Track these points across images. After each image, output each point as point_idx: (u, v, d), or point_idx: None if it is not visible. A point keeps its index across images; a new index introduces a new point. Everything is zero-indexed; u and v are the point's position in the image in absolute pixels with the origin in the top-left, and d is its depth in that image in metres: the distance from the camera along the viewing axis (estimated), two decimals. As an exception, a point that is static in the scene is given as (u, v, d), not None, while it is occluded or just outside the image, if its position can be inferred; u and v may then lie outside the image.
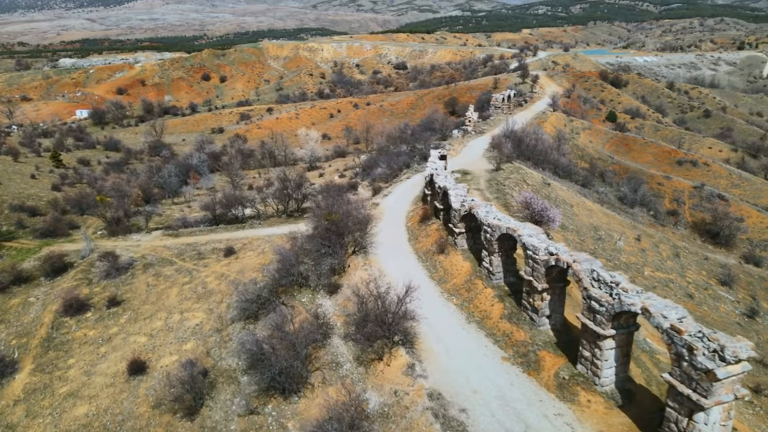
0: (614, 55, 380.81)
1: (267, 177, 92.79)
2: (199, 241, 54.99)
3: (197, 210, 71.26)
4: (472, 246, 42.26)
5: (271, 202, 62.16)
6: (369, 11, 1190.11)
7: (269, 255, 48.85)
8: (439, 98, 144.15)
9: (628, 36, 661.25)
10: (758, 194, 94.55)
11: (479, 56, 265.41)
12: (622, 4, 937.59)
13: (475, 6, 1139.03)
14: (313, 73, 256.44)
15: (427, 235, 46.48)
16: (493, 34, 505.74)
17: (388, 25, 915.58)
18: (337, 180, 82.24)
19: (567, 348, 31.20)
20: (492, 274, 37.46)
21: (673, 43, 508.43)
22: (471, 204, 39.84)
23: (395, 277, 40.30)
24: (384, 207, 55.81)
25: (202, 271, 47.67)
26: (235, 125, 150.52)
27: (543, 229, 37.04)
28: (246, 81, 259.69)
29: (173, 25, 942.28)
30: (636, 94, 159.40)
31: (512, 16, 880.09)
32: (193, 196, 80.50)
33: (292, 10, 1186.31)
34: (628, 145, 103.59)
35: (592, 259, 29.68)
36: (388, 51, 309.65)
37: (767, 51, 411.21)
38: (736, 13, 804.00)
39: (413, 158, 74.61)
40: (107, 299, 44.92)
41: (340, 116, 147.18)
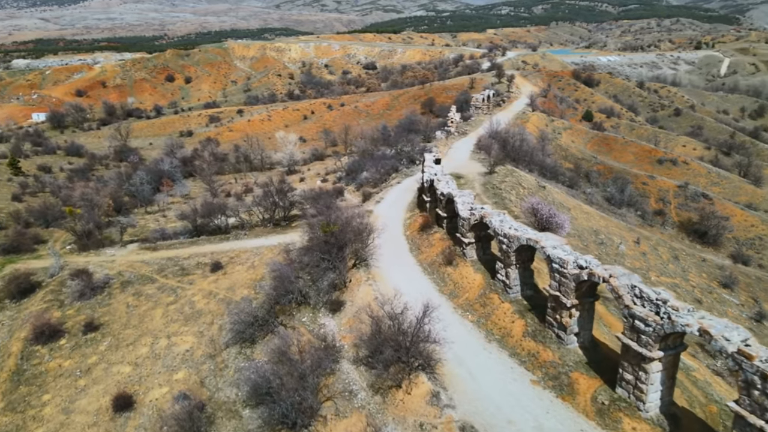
0: (578, 55, 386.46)
1: (245, 182, 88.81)
2: (181, 254, 51.11)
3: (174, 220, 67.06)
4: (481, 256, 39.89)
5: (256, 211, 58.52)
6: (333, 11, 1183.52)
7: (260, 269, 45.49)
8: (415, 98, 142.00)
9: (590, 36, 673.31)
10: (737, 192, 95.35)
11: (449, 56, 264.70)
12: (582, 4, 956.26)
13: (439, 6, 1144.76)
14: (281, 74, 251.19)
15: (430, 245, 43.89)
16: (458, 34, 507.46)
17: (353, 25, 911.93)
18: (320, 185, 78.97)
19: (599, 368, 29.04)
20: (508, 287, 35.11)
21: (633, 43, 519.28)
22: (482, 212, 37.42)
23: (402, 292, 37.59)
24: (378, 214, 52.96)
25: (187, 289, 43.96)
26: (205, 128, 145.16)
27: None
28: (212, 82, 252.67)
29: (132, 24, 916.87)
30: (608, 93, 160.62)
31: (476, 17, 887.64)
32: (167, 205, 76.05)
33: (255, 9, 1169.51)
34: (609, 145, 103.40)
35: (630, 273, 27.57)
36: (356, 51, 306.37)
37: (723, 51, 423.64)
38: (691, 13, 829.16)
39: (400, 161, 72.00)
40: (83, 323, 40.81)
41: (314, 118, 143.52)
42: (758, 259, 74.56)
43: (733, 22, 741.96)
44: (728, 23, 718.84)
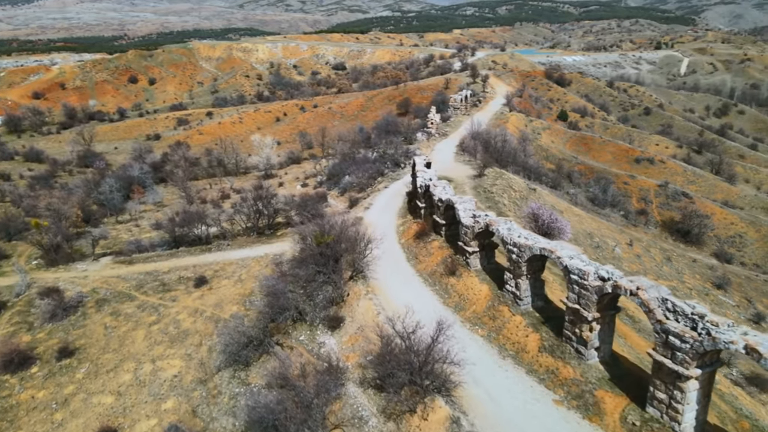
0: (545, 55, 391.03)
1: (220, 188, 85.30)
2: (160, 268, 47.93)
3: (149, 229, 63.49)
4: (486, 265, 38.16)
5: (238, 219, 55.59)
6: (298, 11, 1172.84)
7: (249, 283, 42.80)
8: (390, 99, 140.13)
9: (553, 36, 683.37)
10: (712, 190, 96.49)
11: (419, 56, 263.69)
12: (545, 5, 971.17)
13: (405, 6, 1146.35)
14: (249, 75, 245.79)
15: (428, 254, 41.94)
16: (425, 34, 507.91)
17: (318, 26, 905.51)
18: (301, 190, 76.28)
19: (623, 384, 27.57)
20: (519, 299, 33.43)
21: (596, 43, 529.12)
22: (488, 220, 35.65)
23: (405, 306, 35.52)
24: (369, 222, 50.75)
25: (170, 307, 40.96)
26: (173, 131, 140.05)
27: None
28: (178, 83, 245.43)
29: (89, 24, 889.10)
30: (580, 93, 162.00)
31: (442, 17, 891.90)
32: (139, 213, 72.20)
33: (218, 9, 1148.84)
34: (587, 145, 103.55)
35: (657, 285, 26.13)
36: (325, 51, 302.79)
37: (683, 51, 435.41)
38: (649, 14, 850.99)
39: (385, 165, 69.92)
40: (56, 348, 37.45)
41: (287, 120, 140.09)
42: (740, 256, 75.20)
43: (689, 23, 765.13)
44: (685, 24, 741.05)
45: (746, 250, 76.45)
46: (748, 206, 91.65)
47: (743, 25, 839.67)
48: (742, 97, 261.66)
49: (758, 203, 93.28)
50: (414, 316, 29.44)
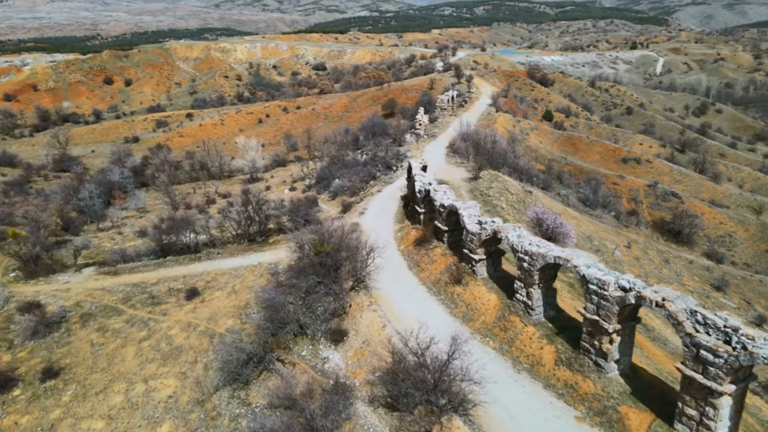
0: (524, 55, 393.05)
1: (205, 192, 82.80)
2: (148, 279, 45.69)
3: (132, 237, 60.99)
4: (492, 273, 36.91)
5: (228, 226, 53.52)
6: (275, 11, 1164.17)
7: (244, 295, 40.91)
8: (374, 100, 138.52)
9: (530, 36, 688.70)
10: (699, 190, 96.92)
11: (400, 56, 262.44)
12: (522, 6, 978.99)
13: (382, 6, 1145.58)
14: (228, 75, 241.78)
15: (431, 262, 40.54)
16: (404, 34, 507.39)
17: (296, 26, 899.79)
18: (289, 193, 74.31)
19: (646, 398, 26.50)
20: (531, 308, 32.22)
21: (573, 44, 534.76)
22: (496, 227, 34.37)
23: (411, 318, 34.09)
24: (365, 227, 49.19)
25: (161, 321, 38.86)
26: (152, 133, 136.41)
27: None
28: (155, 84, 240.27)
29: (61, 24, 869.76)
30: (563, 93, 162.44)
31: (420, 17, 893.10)
32: (121, 220, 69.49)
33: (194, 9, 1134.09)
34: (574, 145, 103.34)
35: (683, 295, 25.11)
36: (305, 51, 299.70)
37: (658, 50, 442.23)
38: (623, 15, 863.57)
39: (376, 167, 68.36)
40: (40, 368, 35.15)
41: (270, 121, 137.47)
42: (730, 256, 75.38)
43: (662, 23, 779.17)
44: (658, 24, 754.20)
45: (736, 250, 76.71)
46: (733, 205, 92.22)
47: (714, 25, 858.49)
48: (718, 96, 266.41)
49: (743, 202, 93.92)
50: (422, 329, 27.95)
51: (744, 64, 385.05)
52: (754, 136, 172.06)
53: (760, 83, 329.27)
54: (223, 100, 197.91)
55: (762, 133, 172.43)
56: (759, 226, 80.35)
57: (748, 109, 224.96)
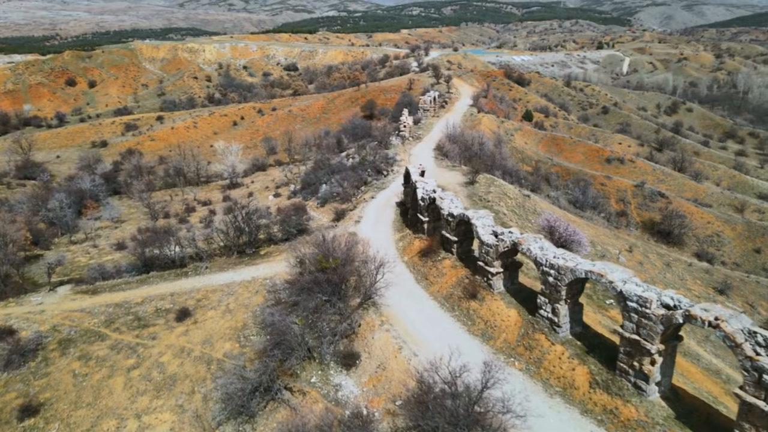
0: (494, 54, 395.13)
1: (183, 199, 78.94)
2: (131, 298, 42.22)
3: (110, 251, 57.13)
4: (509, 287, 34.84)
5: (216, 237, 50.30)
6: (241, 11, 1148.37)
7: (240, 314, 37.93)
8: (352, 101, 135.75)
9: (498, 36, 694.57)
10: (681, 189, 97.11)
11: (373, 56, 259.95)
12: (489, 6, 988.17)
13: (350, 6, 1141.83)
14: (197, 76, 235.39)
15: (440, 274, 38.26)
16: (373, 34, 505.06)
17: (263, 25, 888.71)
18: (274, 200, 71.22)
19: (693, 423, 24.71)
20: (557, 325, 30.24)
21: (541, 43, 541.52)
22: (515, 238, 32.29)
23: (428, 338, 31.88)
24: (363, 237, 46.57)
25: (151, 347, 35.62)
26: (122, 137, 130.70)
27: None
28: (120, 86, 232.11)
29: (18, 24, 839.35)
30: (539, 93, 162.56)
31: (388, 17, 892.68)
32: (95, 231, 65.26)
33: (158, 8, 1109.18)
34: (558, 145, 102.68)
35: (737, 313, 23.41)
36: (276, 52, 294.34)
37: (623, 50, 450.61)
38: (587, 15, 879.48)
39: (365, 172, 65.80)
40: (17, 405, 31.63)
41: (246, 124, 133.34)
42: (719, 256, 75.30)
43: (625, 24, 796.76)
44: (621, 24, 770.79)
45: (725, 249, 76.70)
46: (716, 204, 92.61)
47: (674, 25, 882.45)
48: (684, 95, 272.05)
49: (725, 200, 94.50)
50: (437, 347, 25.65)
51: (706, 64, 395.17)
52: (724, 134, 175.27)
53: (722, 82, 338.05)
54: (193, 101, 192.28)
55: (731, 131, 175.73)
56: (745, 225, 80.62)
57: (714, 108, 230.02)
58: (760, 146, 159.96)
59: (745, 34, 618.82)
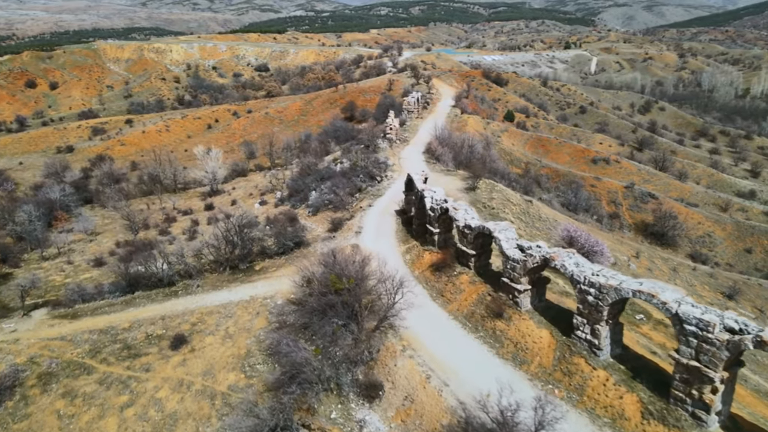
0: (465, 54, 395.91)
1: (161, 208, 74.62)
2: (117, 323, 38.48)
3: (86, 267, 52.92)
4: (537, 304, 32.53)
5: (207, 252, 46.78)
6: (206, 10, 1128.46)
7: (241, 340, 34.71)
8: (331, 102, 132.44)
9: (466, 36, 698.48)
10: (667, 188, 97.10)
11: (346, 56, 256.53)
12: (456, 6, 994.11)
13: (318, 6, 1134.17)
14: (165, 77, 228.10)
15: (458, 291, 35.73)
16: (343, 34, 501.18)
17: (229, 25, 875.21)
18: (260, 209, 67.71)
19: (757, 455, 22.84)
20: (597, 348, 28.00)
21: (509, 43, 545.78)
22: (547, 254, 29.97)
23: (457, 364, 29.33)
24: (367, 249, 43.64)
25: (145, 380, 32.12)
26: (89, 142, 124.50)
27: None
28: (84, 88, 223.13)
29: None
30: (517, 93, 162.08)
31: (356, 17, 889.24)
32: (68, 246, 60.66)
33: (119, 7, 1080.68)
34: (545, 146, 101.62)
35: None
36: (246, 52, 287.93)
37: (590, 50, 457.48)
38: (552, 16, 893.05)
39: (358, 177, 62.87)
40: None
41: (221, 127, 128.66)
42: (712, 257, 75.04)
43: (589, 24, 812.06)
44: (585, 25, 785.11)
45: (717, 250, 76.52)
46: (701, 203, 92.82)
47: (635, 26, 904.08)
48: (652, 94, 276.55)
49: (709, 200, 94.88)
50: (468, 375, 23.15)
51: (671, 63, 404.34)
52: (696, 132, 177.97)
53: (687, 81, 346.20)
54: (162, 103, 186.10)
55: (703, 130, 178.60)
56: (734, 225, 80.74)
57: (682, 106, 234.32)
58: (731, 144, 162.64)
59: (704, 34, 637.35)
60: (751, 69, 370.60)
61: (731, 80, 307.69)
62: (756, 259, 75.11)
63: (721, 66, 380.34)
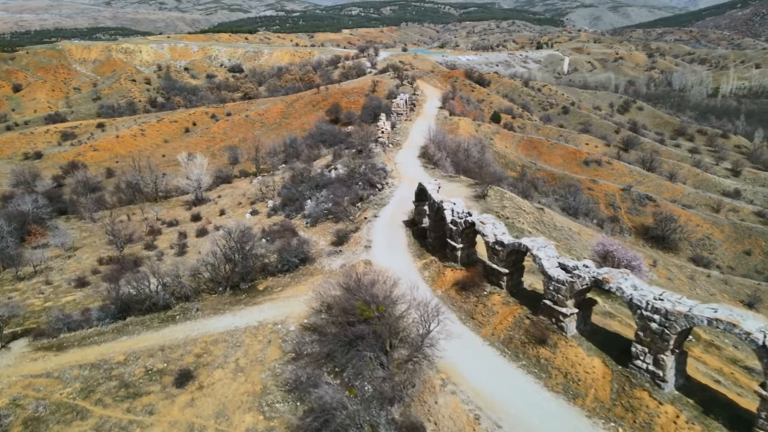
0: (440, 54, 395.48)
1: (144, 219, 70.03)
2: (110, 355, 34.51)
3: (67, 288, 48.48)
4: (582, 328, 29.88)
5: (203, 270, 42.99)
6: (173, 9, 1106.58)
7: (255, 374, 31.23)
8: (313, 105, 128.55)
9: (438, 36, 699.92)
10: (659, 189, 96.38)
11: (322, 57, 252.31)
12: (428, 6, 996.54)
13: (288, 6, 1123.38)
14: (135, 79, 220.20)
15: (491, 313, 32.88)
16: (315, 34, 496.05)
17: (197, 25, 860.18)
18: (252, 219, 63.88)
19: None
20: (662, 380, 25.42)
21: (481, 43, 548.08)
22: (598, 275, 27.33)
23: (504, 400, 26.40)
24: (380, 265, 40.42)
25: (149, 426, 28.39)
26: (58, 147, 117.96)
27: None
28: (50, 90, 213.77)
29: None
30: (500, 93, 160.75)
31: (328, 17, 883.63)
32: (44, 263, 55.86)
33: (83, 7, 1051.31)
34: (536, 148, 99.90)
35: None
36: (218, 52, 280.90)
37: (562, 50, 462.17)
38: (522, 16, 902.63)
39: (357, 185, 59.64)
40: None
41: (199, 130, 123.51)
42: (713, 259, 74.03)
43: (558, 24, 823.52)
44: (554, 25, 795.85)
45: (717, 253, 75.61)
46: (693, 204, 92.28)
47: (602, 26, 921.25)
48: (626, 93, 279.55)
49: (701, 201, 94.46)
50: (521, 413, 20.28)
51: (641, 63, 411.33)
52: (674, 131, 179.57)
53: (658, 81, 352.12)
54: (134, 106, 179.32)
55: (681, 129, 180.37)
56: (731, 227, 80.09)
57: (656, 106, 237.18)
58: (709, 143, 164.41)
59: (669, 34, 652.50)
60: (717, 68, 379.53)
61: (701, 79, 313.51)
62: (755, 261, 74.41)
63: (690, 66, 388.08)
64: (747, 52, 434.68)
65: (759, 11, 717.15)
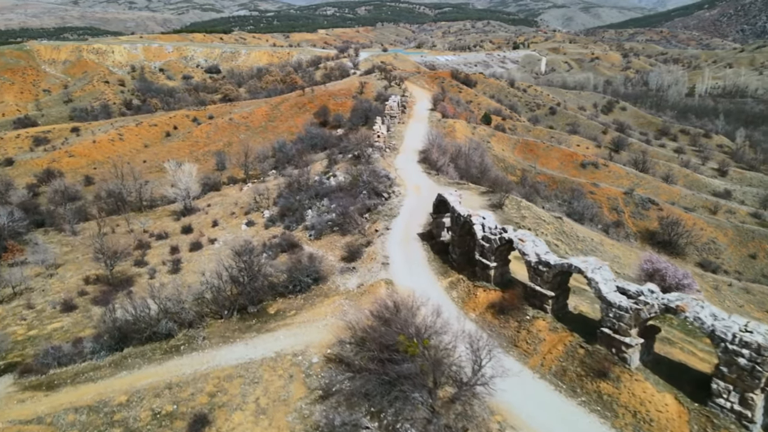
0: (419, 54, 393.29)
1: (129, 231, 65.46)
2: (110, 395, 30.60)
3: (52, 313, 44.08)
4: (646, 359, 27.12)
5: (208, 294, 39.20)
6: (144, 9, 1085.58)
7: (279, 415, 27.76)
8: (299, 107, 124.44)
9: (414, 36, 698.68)
10: (656, 191, 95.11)
11: (302, 57, 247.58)
12: (402, 6, 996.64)
13: (261, 6, 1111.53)
14: (109, 80, 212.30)
15: (537, 340, 29.95)
16: (290, 34, 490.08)
17: (169, 25, 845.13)
18: (248, 230, 60.02)
19: None
20: (749, 421, 22.84)
21: (458, 43, 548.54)
22: (669, 302, 24.59)
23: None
24: (403, 286, 37.25)
25: (164, 484, 24.65)
26: (30, 153, 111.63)
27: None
28: (17, 92, 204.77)
29: None
30: (487, 94, 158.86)
31: (303, 17, 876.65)
32: (24, 283, 51.16)
33: (49, 6, 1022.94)
34: (533, 151, 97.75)
35: None
36: (194, 53, 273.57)
37: (539, 50, 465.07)
38: (497, 16, 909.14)
39: (362, 194, 56.26)
40: None
41: (181, 134, 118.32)
42: (720, 263, 72.64)
43: (532, 25, 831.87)
44: (529, 25, 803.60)
45: (723, 257, 74.29)
46: (690, 206, 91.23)
47: (574, 26, 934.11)
48: (604, 93, 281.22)
49: (698, 202, 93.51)
50: None
51: (616, 63, 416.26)
52: (658, 131, 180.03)
53: (634, 81, 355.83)
54: (108, 109, 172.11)
55: (664, 129, 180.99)
56: (734, 230, 78.94)
57: (637, 105, 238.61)
58: (692, 142, 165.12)
59: (641, 34, 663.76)
60: (690, 68, 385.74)
61: (677, 79, 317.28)
62: (761, 265, 73.28)
63: (665, 66, 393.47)
64: (718, 52, 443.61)
65: (726, 12, 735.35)
